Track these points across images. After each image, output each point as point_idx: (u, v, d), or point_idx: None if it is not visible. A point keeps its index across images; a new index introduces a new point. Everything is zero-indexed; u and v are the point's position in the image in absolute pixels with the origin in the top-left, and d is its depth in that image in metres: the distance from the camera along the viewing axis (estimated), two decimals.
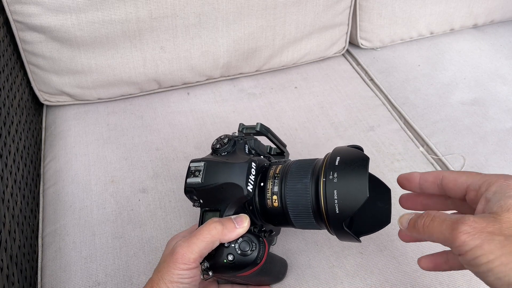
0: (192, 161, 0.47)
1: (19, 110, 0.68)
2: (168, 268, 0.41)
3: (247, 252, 0.43)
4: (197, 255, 0.41)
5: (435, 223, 0.35)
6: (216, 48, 0.78)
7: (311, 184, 0.42)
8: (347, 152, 0.43)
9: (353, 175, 0.40)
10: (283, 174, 0.45)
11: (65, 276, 0.55)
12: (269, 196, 0.44)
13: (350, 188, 0.40)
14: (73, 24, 0.68)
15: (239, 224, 0.43)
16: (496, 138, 0.73)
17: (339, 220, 0.40)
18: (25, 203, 0.60)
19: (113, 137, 0.73)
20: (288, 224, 0.45)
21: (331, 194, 0.40)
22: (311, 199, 0.42)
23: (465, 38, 0.97)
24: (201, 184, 0.45)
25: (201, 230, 0.42)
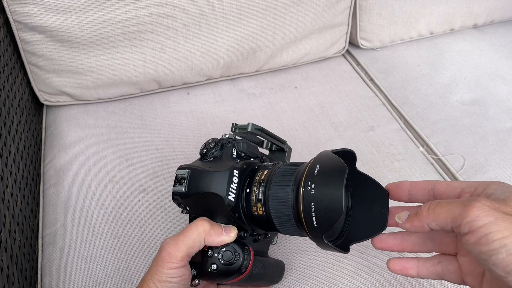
0: (179, 168, 0.47)
1: (19, 110, 0.68)
2: (157, 267, 0.41)
3: (231, 262, 0.43)
4: (184, 253, 0.41)
5: (443, 204, 0.35)
6: (216, 48, 0.78)
7: (293, 193, 0.41)
8: (327, 160, 0.41)
9: (330, 188, 0.38)
10: (268, 180, 0.44)
11: (65, 276, 0.55)
12: (254, 203, 0.44)
13: (326, 202, 0.38)
14: (73, 24, 0.68)
15: (226, 232, 0.43)
16: (496, 138, 0.73)
17: (318, 233, 0.39)
18: (25, 203, 0.60)
19: (113, 137, 0.73)
20: (276, 230, 0.45)
21: (308, 207, 0.39)
22: (292, 209, 0.41)
23: (465, 38, 0.97)
24: (184, 192, 0.45)
25: (188, 227, 0.42)
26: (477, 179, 0.67)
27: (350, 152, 0.42)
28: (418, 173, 0.68)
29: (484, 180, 0.66)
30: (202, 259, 0.43)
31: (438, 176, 0.69)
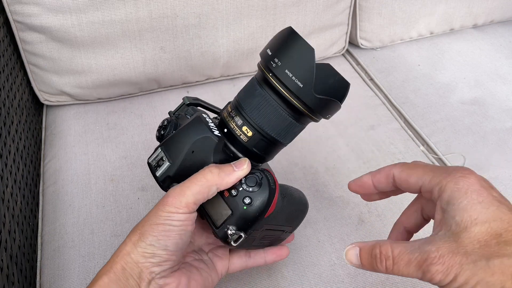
0: (148, 159, 0.44)
1: (19, 110, 0.68)
2: (156, 211, 0.38)
3: (260, 182, 0.40)
4: (189, 199, 0.38)
5: (401, 266, 0.33)
6: (216, 48, 0.78)
7: (264, 88, 0.41)
8: (272, 40, 0.42)
9: (289, 45, 0.39)
10: (235, 107, 0.43)
11: (63, 274, 0.55)
12: (238, 132, 0.42)
13: (295, 57, 0.39)
14: (73, 24, 0.68)
15: (237, 166, 0.40)
16: (496, 138, 0.73)
17: (308, 92, 0.39)
18: (25, 203, 0.60)
19: (113, 136, 0.73)
20: (274, 146, 0.43)
21: (285, 76, 0.39)
22: (272, 99, 0.40)
23: (465, 38, 0.97)
24: (171, 164, 0.42)
25: (196, 175, 0.39)
26: None
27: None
28: None
29: None
30: (230, 206, 0.40)
31: None
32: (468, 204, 0.32)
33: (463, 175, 0.34)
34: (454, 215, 0.32)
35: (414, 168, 0.38)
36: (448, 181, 0.34)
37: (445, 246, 0.31)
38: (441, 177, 0.35)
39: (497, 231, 0.31)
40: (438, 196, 0.34)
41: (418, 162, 0.39)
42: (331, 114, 0.43)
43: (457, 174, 0.34)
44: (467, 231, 0.31)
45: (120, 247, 0.39)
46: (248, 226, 0.40)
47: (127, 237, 0.39)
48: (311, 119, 0.43)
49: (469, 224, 0.31)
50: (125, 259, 0.38)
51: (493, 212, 0.31)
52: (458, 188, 0.33)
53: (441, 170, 0.35)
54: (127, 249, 0.38)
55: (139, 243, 0.38)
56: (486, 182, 0.34)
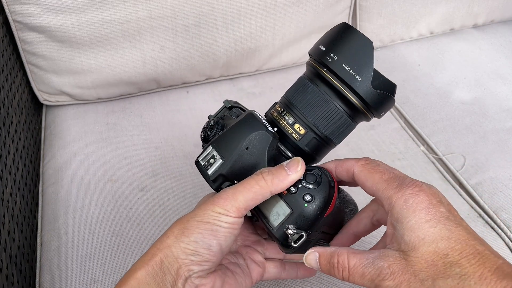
0: (197, 158, 0.42)
1: (18, 110, 0.68)
2: (205, 208, 0.37)
3: (319, 179, 0.38)
4: (241, 205, 0.37)
5: (356, 278, 0.34)
6: (215, 48, 0.78)
7: (318, 84, 0.40)
8: (324, 35, 0.41)
9: (346, 39, 0.38)
10: (285, 106, 0.42)
11: (63, 274, 0.55)
12: (290, 130, 0.41)
13: (353, 50, 0.38)
14: (72, 24, 0.68)
15: (291, 169, 0.38)
16: (496, 138, 0.73)
17: (366, 85, 0.38)
18: (24, 203, 0.60)
19: (112, 136, 0.73)
20: (325, 145, 0.42)
21: (342, 70, 0.38)
22: (328, 94, 0.39)
23: (465, 38, 0.97)
24: (225, 162, 0.40)
25: (249, 180, 0.38)
26: (477, 178, 0.67)
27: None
28: (419, 172, 0.68)
29: (485, 179, 0.66)
30: (289, 204, 0.38)
31: (439, 174, 0.68)
32: (415, 224, 0.33)
33: (412, 193, 0.34)
34: (402, 234, 0.33)
35: (372, 173, 0.38)
36: (397, 198, 0.34)
37: (396, 264, 0.33)
38: (392, 192, 0.35)
39: (444, 251, 0.31)
40: (388, 210, 0.35)
41: (379, 166, 0.38)
42: (385, 112, 0.42)
43: (407, 190, 0.34)
44: (416, 251, 0.32)
45: (160, 239, 0.37)
46: (309, 226, 0.38)
47: (169, 230, 0.38)
48: (365, 117, 0.42)
49: (417, 244, 0.32)
50: (165, 252, 0.36)
51: (440, 230, 0.32)
52: (407, 206, 0.33)
53: (395, 183, 0.35)
54: (168, 242, 0.36)
55: (182, 237, 0.36)
56: (435, 198, 0.34)
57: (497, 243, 0.60)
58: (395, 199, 0.34)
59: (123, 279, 0.36)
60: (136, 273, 0.36)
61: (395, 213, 0.34)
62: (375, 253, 0.34)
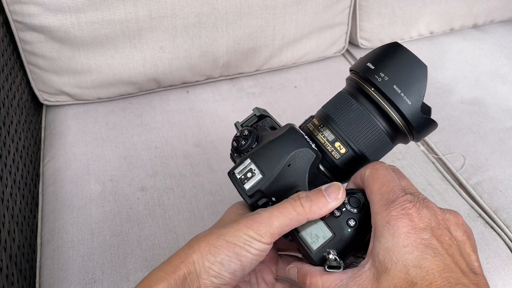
0: (231, 170, 0.39)
1: (18, 110, 0.68)
2: (237, 229, 0.35)
3: (363, 204, 0.37)
4: (276, 230, 0.35)
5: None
6: (215, 48, 0.78)
7: (362, 102, 0.39)
8: (372, 53, 0.40)
9: (399, 60, 0.38)
10: (325, 121, 0.40)
11: (63, 274, 0.55)
12: (330, 148, 0.40)
13: (406, 73, 0.37)
14: (72, 24, 0.68)
15: (331, 197, 0.36)
16: (496, 138, 0.73)
17: (415, 110, 0.37)
18: (24, 203, 0.60)
19: (112, 136, 0.73)
20: (360, 164, 0.40)
21: (393, 92, 0.37)
22: (372, 113, 0.38)
23: (465, 38, 0.97)
24: (264, 178, 0.38)
25: (285, 204, 0.36)
26: (477, 178, 0.67)
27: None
28: (419, 172, 0.68)
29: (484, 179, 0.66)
30: (332, 228, 0.36)
31: (439, 174, 0.68)
32: (392, 246, 0.32)
33: (397, 215, 0.33)
34: (378, 253, 0.33)
35: (375, 181, 0.36)
36: (382, 217, 0.33)
37: (368, 286, 0.32)
38: (379, 208, 0.34)
39: (413, 279, 0.31)
40: (372, 225, 0.35)
41: (385, 175, 0.36)
42: (427, 135, 0.41)
43: (393, 211, 0.33)
44: (387, 274, 0.31)
45: (185, 251, 0.35)
46: (349, 251, 0.37)
47: (195, 243, 0.36)
48: (405, 140, 0.41)
49: (389, 266, 0.32)
50: (189, 268, 0.34)
51: (415, 258, 0.31)
52: (388, 228, 0.33)
53: (386, 200, 0.34)
54: (194, 258, 0.34)
55: (208, 256, 0.34)
56: (422, 222, 0.33)
57: (496, 243, 0.60)
58: (380, 217, 0.33)
59: (142, 287, 0.34)
60: (157, 284, 0.34)
61: (376, 231, 0.33)
62: (348, 273, 0.34)
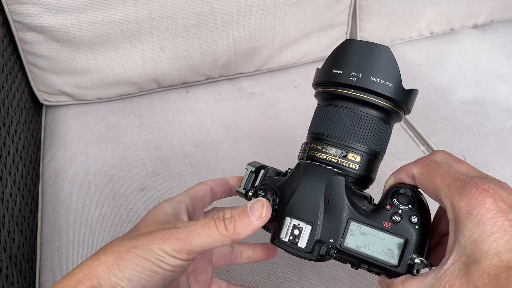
0: (274, 238, 0.38)
1: (18, 110, 0.68)
2: (151, 242, 0.31)
3: (411, 196, 0.36)
4: (196, 249, 0.33)
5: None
6: (215, 48, 0.78)
7: (348, 106, 0.39)
8: (330, 59, 0.40)
9: (360, 53, 0.38)
10: (322, 140, 0.40)
11: (62, 274, 0.54)
12: (346, 163, 0.39)
13: (375, 61, 0.38)
14: (72, 24, 0.68)
15: (255, 215, 0.34)
16: (497, 138, 0.73)
17: (399, 88, 0.38)
18: (24, 203, 0.60)
19: (112, 136, 0.72)
20: (377, 162, 0.41)
21: (373, 83, 0.37)
22: (361, 112, 0.38)
23: (465, 38, 0.97)
24: (314, 226, 0.36)
25: (209, 222, 0.34)
26: None
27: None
28: None
29: None
30: (401, 235, 0.35)
31: None
32: (479, 237, 0.30)
33: (476, 202, 0.31)
34: (465, 247, 0.31)
35: (433, 176, 0.34)
36: (460, 208, 0.31)
37: (457, 283, 0.31)
38: (454, 199, 0.32)
39: (507, 263, 0.29)
40: (450, 219, 0.33)
41: (440, 166, 0.35)
42: (412, 105, 0.41)
43: (471, 199, 0.31)
44: (477, 264, 0.30)
45: (89, 264, 0.32)
46: (425, 245, 0.36)
47: (102, 254, 0.32)
48: (399, 118, 0.41)
49: (479, 257, 0.30)
50: (93, 283, 0.31)
51: (505, 242, 0.30)
52: (470, 218, 0.31)
53: (456, 188, 0.32)
54: (99, 272, 0.31)
55: (115, 270, 0.31)
56: (505, 202, 0.31)
57: None
58: (458, 209, 0.31)
59: None
60: None
61: (458, 224, 0.32)
62: (431, 274, 0.32)
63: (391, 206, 0.36)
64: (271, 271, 0.54)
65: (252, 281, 0.53)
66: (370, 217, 0.37)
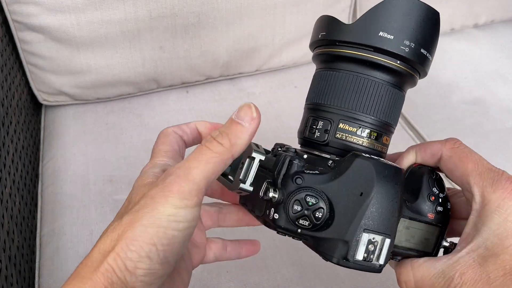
0: (343, 258, 0.31)
1: (17, 110, 0.68)
2: (154, 206, 0.27)
3: (441, 183, 0.35)
4: (200, 185, 0.28)
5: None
6: (215, 48, 0.78)
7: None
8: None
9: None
10: (353, 120, 0.34)
11: (62, 274, 0.54)
12: (382, 148, 0.36)
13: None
14: (72, 24, 0.68)
15: (245, 120, 0.30)
16: (497, 138, 0.73)
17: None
18: (23, 203, 0.60)
19: (112, 136, 0.72)
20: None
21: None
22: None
23: (466, 38, 0.97)
24: (392, 236, 0.31)
25: (201, 150, 0.29)
26: None
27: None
28: None
29: None
30: (438, 224, 0.34)
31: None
32: (504, 232, 0.30)
33: (510, 195, 0.30)
34: (486, 239, 0.31)
35: (464, 162, 0.33)
36: (490, 200, 0.31)
37: (469, 273, 0.30)
38: (485, 191, 0.31)
39: None
40: (475, 209, 0.32)
41: (471, 153, 0.34)
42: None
43: (504, 193, 0.30)
44: (495, 258, 0.30)
45: (94, 257, 0.27)
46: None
47: (105, 241, 0.28)
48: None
49: (499, 251, 0.30)
50: (110, 278, 0.27)
51: None
52: (499, 213, 0.30)
53: (490, 180, 0.31)
54: (111, 263, 0.27)
55: (127, 254, 0.27)
56: None
57: None
58: (488, 201, 0.31)
59: None
60: None
61: (483, 216, 0.31)
62: (443, 260, 0.32)
63: (435, 197, 0.34)
64: (271, 271, 0.54)
65: (252, 281, 0.53)
66: (416, 211, 0.34)
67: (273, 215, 0.32)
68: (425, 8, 0.33)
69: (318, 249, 0.33)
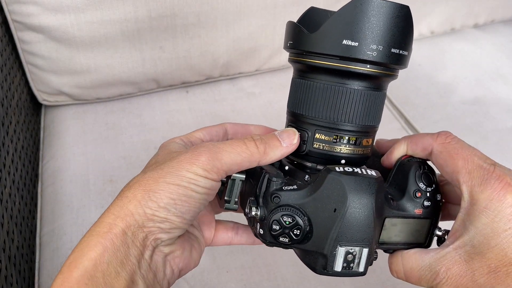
0: (323, 268, 0.33)
1: (17, 110, 0.68)
2: (179, 167, 0.30)
3: (432, 177, 0.36)
4: (223, 167, 0.31)
5: (412, 280, 0.34)
6: (215, 48, 0.78)
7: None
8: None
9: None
10: (334, 130, 0.34)
11: None
12: (363, 151, 0.36)
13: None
14: (72, 24, 0.68)
15: (285, 141, 0.33)
16: (497, 138, 0.73)
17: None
18: (23, 203, 0.60)
19: (112, 136, 0.72)
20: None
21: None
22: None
23: (466, 38, 0.97)
24: (371, 247, 0.32)
25: (239, 142, 0.32)
26: None
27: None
28: None
29: None
30: (429, 216, 0.35)
31: None
32: (491, 232, 0.30)
33: (498, 197, 0.30)
34: (473, 237, 0.31)
35: (454, 158, 0.33)
36: (479, 200, 0.31)
37: (454, 268, 0.31)
38: (474, 188, 0.31)
39: (510, 260, 0.30)
40: (463, 207, 0.32)
41: (462, 148, 0.33)
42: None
43: (493, 193, 0.30)
44: (481, 256, 0.30)
45: (118, 204, 0.31)
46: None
47: (129, 191, 0.31)
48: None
49: (485, 250, 0.30)
50: (127, 221, 0.30)
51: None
52: (487, 214, 0.30)
53: (479, 178, 0.31)
54: (130, 209, 0.30)
55: (148, 203, 0.30)
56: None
57: None
58: (476, 201, 0.31)
59: (73, 261, 0.29)
60: (90, 251, 0.29)
61: (471, 215, 0.31)
62: (430, 253, 0.33)
63: (421, 193, 0.35)
64: (271, 271, 0.53)
65: (252, 281, 0.53)
66: (402, 209, 0.34)
67: (259, 230, 0.34)
68: (391, 7, 0.31)
69: (304, 260, 0.35)
